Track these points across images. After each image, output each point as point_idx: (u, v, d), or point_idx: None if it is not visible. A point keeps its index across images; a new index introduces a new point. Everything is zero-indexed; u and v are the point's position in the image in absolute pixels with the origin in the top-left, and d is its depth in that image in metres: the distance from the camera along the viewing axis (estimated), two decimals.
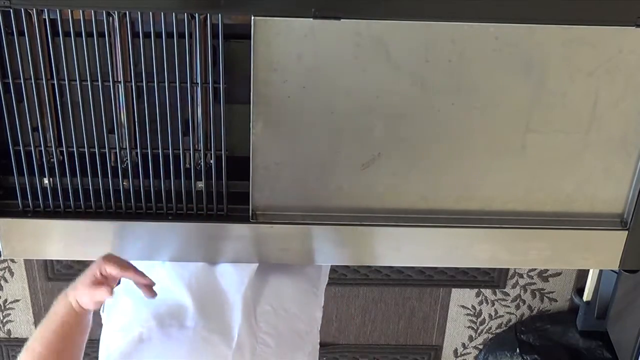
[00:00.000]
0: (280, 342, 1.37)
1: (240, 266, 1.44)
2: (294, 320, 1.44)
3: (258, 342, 1.36)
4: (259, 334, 1.37)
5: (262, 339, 1.37)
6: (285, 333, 1.41)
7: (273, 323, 1.40)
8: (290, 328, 1.43)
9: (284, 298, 1.46)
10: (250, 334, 1.36)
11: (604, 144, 1.33)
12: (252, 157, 1.31)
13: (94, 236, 1.40)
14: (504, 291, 2.54)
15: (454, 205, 1.39)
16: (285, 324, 1.42)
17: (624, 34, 1.22)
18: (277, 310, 1.43)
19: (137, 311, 1.39)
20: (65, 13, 1.19)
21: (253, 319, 1.39)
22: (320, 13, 1.18)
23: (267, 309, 1.43)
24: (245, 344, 1.34)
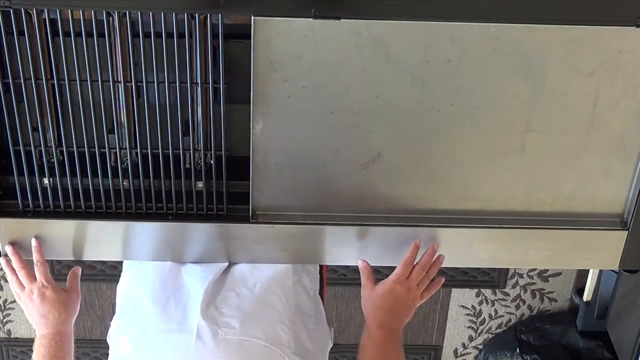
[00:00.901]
0: (246, 321, 1.35)
1: (208, 265, 1.44)
2: (264, 295, 1.42)
3: (221, 327, 1.34)
4: (221, 319, 1.36)
5: (224, 323, 1.35)
6: (251, 311, 1.38)
7: (236, 305, 1.38)
8: (260, 303, 1.41)
9: (247, 281, 1.44)
10: (211, 323, 1.34)
11: (604, 144, 1.33)
12: (252, 157, 1.31)
13: (94, 236, 1.41)
14: (504, 291, 2.54)
15: (454, 205, 1.39)
16: (252, 302, 1.40)
17: (624, 34, 1.22)
18: (240, 294, 1.41)
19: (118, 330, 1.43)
20: (65, 13, 1.19)
21: (213, 309, 1.38)
22: (320, 13, 1.18)
23: (230, 294, 1.41)
24: (206, 334, 1.33)
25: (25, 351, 2.61)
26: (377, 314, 1.38)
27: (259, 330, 1.35)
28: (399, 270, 1.39)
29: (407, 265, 1.39)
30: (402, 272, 1.38)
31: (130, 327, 1.41)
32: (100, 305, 2.52)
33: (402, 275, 1.38)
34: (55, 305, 1.38)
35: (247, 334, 1.34)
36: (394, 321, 1.39)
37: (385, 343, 1.36)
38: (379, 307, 1.38)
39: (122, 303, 1.48)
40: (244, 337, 1.33)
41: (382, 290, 1.39)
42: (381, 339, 1.36)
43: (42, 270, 1.38)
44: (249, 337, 1.33)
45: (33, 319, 1.39)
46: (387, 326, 1.38)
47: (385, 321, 1.38)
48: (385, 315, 1.38)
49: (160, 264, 1.46)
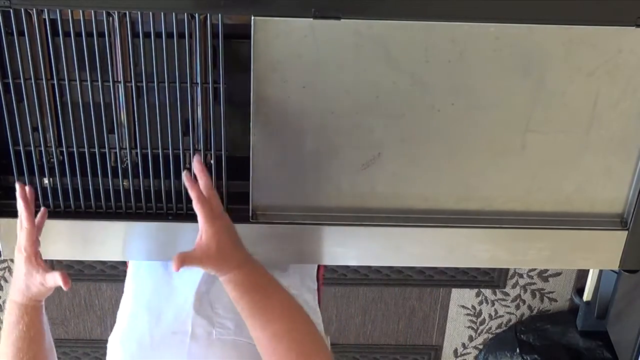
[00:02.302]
0: (240, 322, 1.31)
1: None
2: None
3: (215, 327, 1.35)
4: (216, 319, 1.36)
5: (219, 324, 1.35)
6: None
7: (231, 307, 1.36)
8: None
9: None
10: (206, 323, 1.35)
11: (604, 144, 1.33)
12: (252, 157, 1.31)
13: (94, 236, 1.40)
14: (504, 291, 2.54)
15: (454, 205, 1.39)
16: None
17: (624, 34, 1.22)
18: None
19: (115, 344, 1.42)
20: (65, 13, 1.19)
21: (208, 307, 1.38)
22: (320, 13, 1.18)
23: (223, 294, 1.41)
24: (201, 333, 1.33)
25: None
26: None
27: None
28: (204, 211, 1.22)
29: (203, 204, 1.22)
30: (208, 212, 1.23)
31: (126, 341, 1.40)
32: (101, 305, 2.52)
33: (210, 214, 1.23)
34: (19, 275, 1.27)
35: (241, 334, 1.33)
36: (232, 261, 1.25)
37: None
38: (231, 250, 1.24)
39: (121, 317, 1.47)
40: (237, 338, 1.34)
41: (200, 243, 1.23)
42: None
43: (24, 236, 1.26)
44: (242, 338, 1.33)
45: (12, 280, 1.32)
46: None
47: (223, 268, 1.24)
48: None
49: (154, 272, 1.45)
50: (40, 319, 1.29)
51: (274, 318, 1.18)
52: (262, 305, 1.19)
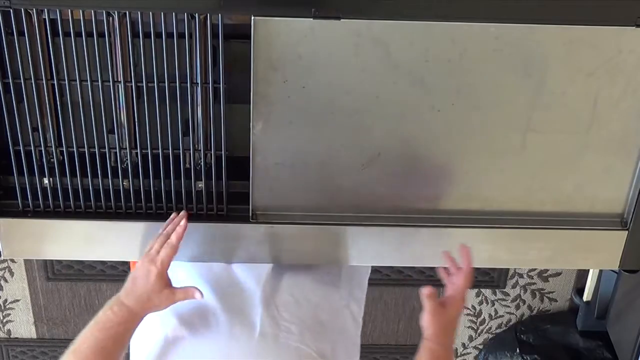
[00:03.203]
0: (303, 329, 1.36)
1: (256, 264, 1.45)
2: (316, 310, 1.43)
3: (281, 330, 1.35)
4: (282, 322, 1.37)
5: (285, 327, 1.36)
6: (308, 322, 1.40)
7: (295, 312, 1.40)
8: (313, 317, 1.42)
9: (304, 289, 1.45)
10: (272, 324, 1.35)
11: (604, 144, 1.33)
12: (252, 157, 1.31)
13: (94, 236, 1.40)
14: (504, 291, 2.54)
15: (454, 205, 1.39)
16: (308, 313, 1.42)
17: (624, 34, 1.22)
18: (298, 300, 1.43)
19: (160, 316, 1.37)
20: (65, 13, 1.20)
21: (274, 308, 1.39)
22: (320, 13, 1.18)
23: (289, 298, 1.42)
24: (268, 333, 1.34)
25: (25, 351, 2.62)
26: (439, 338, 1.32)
27: (313, 341, 1.36)
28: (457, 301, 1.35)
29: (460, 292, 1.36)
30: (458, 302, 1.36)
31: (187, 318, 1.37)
32: (101, 305, 2.50)
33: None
34: (146, 287, 1.26)
35: (304, 342, 1.35)
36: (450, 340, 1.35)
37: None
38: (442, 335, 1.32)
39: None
40: (300, 345, 1.35)
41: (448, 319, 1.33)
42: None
43: (167, 252, 1.26)
44: (305, 346, 1.35)
45: (129, 277, 1.29)
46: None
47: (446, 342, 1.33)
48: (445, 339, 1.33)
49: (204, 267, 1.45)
50: (134, 330, 1.29)
51: None
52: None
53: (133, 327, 1.28)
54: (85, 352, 1.22)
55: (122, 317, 1.25)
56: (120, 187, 1.37)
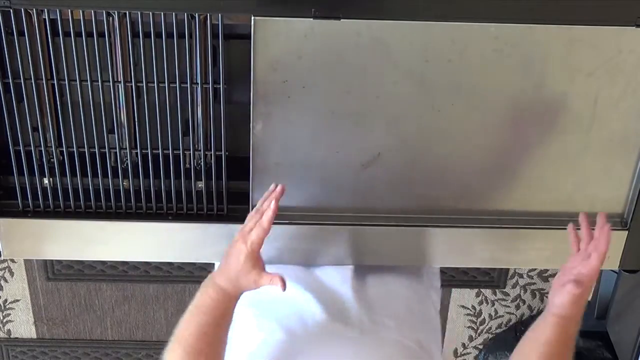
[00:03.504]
0: (399, 322, 1.36)
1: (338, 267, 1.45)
2: (407, 301, 1.44)
3: (379, 325, 1.35)
4: (378, 318, 1.36)
5: (382, 322, 1.36)
6: (402, 314, 1.40)
7: (388, 306, 1.40)
8: (406, 309, 1.42)
9: (390, 284, 1.45)
10: (370, 321, 1.35)
11: (604, 144, 1.33)
12: (252, 157, 1.31)
13: (94, 236, 1.40)
14: (504, 291, 2.54)
15: (454, 205, 1.39)
16: (400, 306, 1.42)
17: (624, 34, 1.22)
18: (388, 295, 1.43)
19: (258, 318, 1.37)
20: (65, 13, 1.19)
21: (367, 305, 1.39)
22: (320, 13, 1.18)
23: (379, 294, 1.42)
24: (369, 330, 1.34)
25: (25, 351, 2.62)
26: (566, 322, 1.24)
27: (411, 334, 1.36)
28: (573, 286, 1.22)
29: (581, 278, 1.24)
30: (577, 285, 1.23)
31: (284, 323, 1.36)
32: (100, 305, 2.52)
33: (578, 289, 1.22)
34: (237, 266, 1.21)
35: (402, 334, 1.35)
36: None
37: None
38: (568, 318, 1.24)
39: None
40: (400, 338, 1.34)
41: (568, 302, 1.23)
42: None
43: (258, 233, 1.21)
44: (404, 338, 1.34)
45: (223, 256, 1.26)
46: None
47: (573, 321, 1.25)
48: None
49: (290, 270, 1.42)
50: (233, 310, 1.24)
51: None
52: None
53: (231, 307, 1.24)
54: (188, 339, 1.18)
55: (217, 299, 1.21)
56: (121, 187, 1.37)
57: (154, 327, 2.56)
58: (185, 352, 1.18)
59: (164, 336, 2.58)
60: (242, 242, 1.22)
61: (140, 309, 2.52)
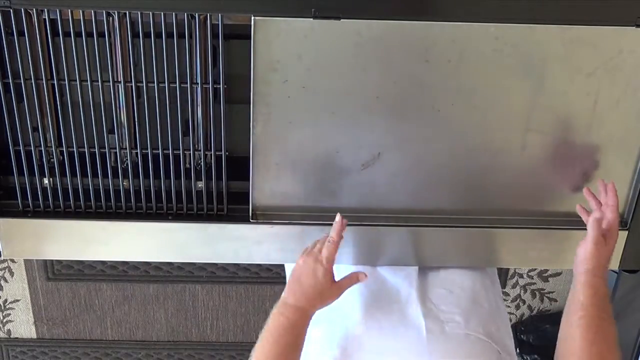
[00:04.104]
0: (466, 316, 1.36)
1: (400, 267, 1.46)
2: (473, 294, 1.44)
3: (445, 322, 1.35)
4: (443, 315, 1.37)
5: (448, 318, 1.36)
6: (468, 308, 1.40)
7: (453, 302, 1.40)
8: (472, 302, 1.42)
9: (454, 280, 1.45)
10: (434, 318, 1.36)
11: (604, 144, 1.33)
12: (252, 157, 1.31)
13: (94, 236, 1.40)
14: (504, 291, 2.54)
15: (454, 205, 1.39)
16: (466, 301, 1.42)
17: (624, 34, 1.22)
18: (452, 291, 1.43)
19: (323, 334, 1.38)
20: (65, 13, 1.19)
21: (431, 304, 1.39)
22: (320, 13, 1.18)
23: (442, 291, 1.42)
24: (434, 328, 1.34)
25: (25, 351, 2.62)
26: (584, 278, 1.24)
27: (480, 325, 1.36)
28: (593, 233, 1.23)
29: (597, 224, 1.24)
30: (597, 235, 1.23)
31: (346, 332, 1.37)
32: (100, 305, 2.52)
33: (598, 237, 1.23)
34: (317, 284, 1.27)
35: (470, 328, 1.35)
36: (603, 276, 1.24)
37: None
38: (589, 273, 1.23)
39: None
40: (469, 332, 1.34)
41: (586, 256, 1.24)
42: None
43: (329, 248, 1.27)
44: (473, 332, 1.34)
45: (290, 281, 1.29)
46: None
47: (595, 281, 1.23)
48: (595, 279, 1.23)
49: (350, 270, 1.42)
50: (306, 329, 1.28)
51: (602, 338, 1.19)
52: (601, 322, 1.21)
53: (305, 326, 1.27)
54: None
55: (294, 320, 1.25)
56: (121, 187, 1.37)
57: (154, 327, 2.56)
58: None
59: (164, 336, 2.59)
60: (315, 262, 1.27)
61: (140, 309, 2.52)
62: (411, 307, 1.38)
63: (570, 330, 1.22)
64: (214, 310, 2.49)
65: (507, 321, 1.48)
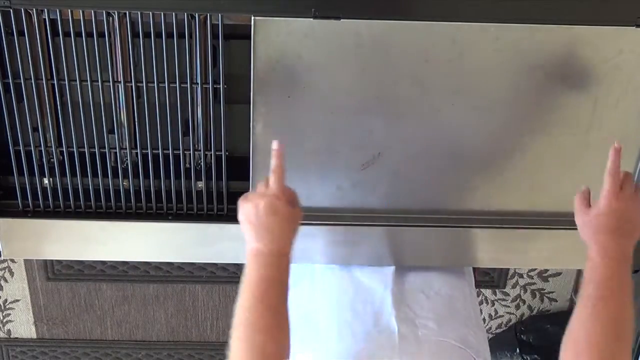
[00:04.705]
0: (441, 322, 1.36)
1: (378, 268, 1.45)
2: (450, 300, 1.43)
3: (419, 327, 1.34)
4: (417, 320, 1.36)
5: (422, 324, 1.35)
6: (444, 313, 1.39)
7: (428, 307, 1.39)
8: (448, 308, 1.42)
9: (432, 283, 1.45)
10: (409, 323, 1.35)
11: (604, 144, 1.32)
12: (252, 157, 1.31)
13: (94, 236, 1.41)
14: (504, 291, 2.54)
15: (454, 205, 1.39)
16: (442, 305, 1.41)
17: (624, 34, 1.22)
18: (429, 295, 1.42)
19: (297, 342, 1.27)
20: (65, 13, 1.20)
21: (407, 308, 1.38)
22: (320, 13, 1.18)
23: (419, 296, 1.42)
24: (407, 333, 1.33)
25: (25, 351, 2.62)
26: (598, 240, 1.15)
27: (454, 332, 1.35)
28: (608, 185, 1.16)
29: (614, 175, 1.16)
30: (611, 186, 1.16)
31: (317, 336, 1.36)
32: (100, 305, 2.52)
33: (613, 189, 1.16)
34: (283, 220, 1.15)
35: (444, 335, 1.34)
36: (619, 245, 1.14)
37: (610, 275, 1.12)
38: (598, 231, 1.15)
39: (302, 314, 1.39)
40: (442, 338, 1.34)
41: (597, 211, 1.16)
42: (606, 269, 1.12)
43: (278, 178, 1.16)
44: (447, 338, 1.34)
45: (251, 229, 1.16)
46: (612, 253, 1.13)
47: (609, 246, 1.14)
48: (608, 240, 1.14)
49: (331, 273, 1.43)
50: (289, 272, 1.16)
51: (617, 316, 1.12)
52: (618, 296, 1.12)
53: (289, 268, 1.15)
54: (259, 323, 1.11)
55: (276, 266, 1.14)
56: (120, 187, 1.37)
57: (154, 327, 2.56)
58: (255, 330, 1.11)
59: (163, 336, 2.59)
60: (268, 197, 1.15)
61: (140, 309, 2.52)
62: (385, 311, 1.37)
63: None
64: (214, 310, 2.49)
65: (482, 328, 1.47)
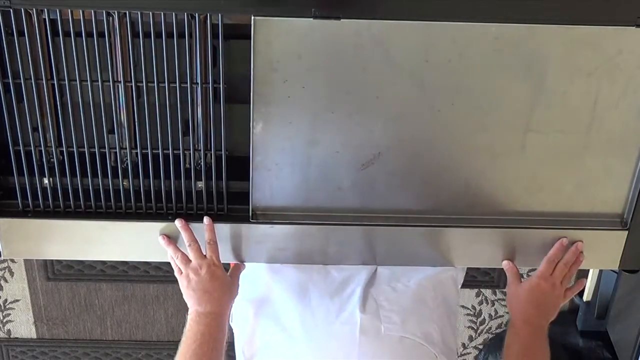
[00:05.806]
0: (405, 317, 1.37)
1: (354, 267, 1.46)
2: (418, 290, 1.44)
3: (382, 322, 1.36)
4: (383, 313, 1.37)
5: (386, 318, 1.36)
6: (409, 307, 1.40)
7: (394, 300, 1.40)
8: (415, 300, 1.43)
9: (400, 276, 1.46)
10: (373, 318, 1.36)
11: (604, 144, 1.33)
12: (252, 157, 1.31)
13: (94, 236, 1.40)
14: (504, 291, 2.54)
15: (454, 205, 1.39)
16: (408, 298, 1.42)
17: (624, 34, 1.22)
18: (396, 288, 1.43)
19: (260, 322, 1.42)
20: (65, 13, 1.20)
21: (373, 301, 1.39)
22: (320, 13, 1.18)
23: (387, 288, 1.43)
24: (369, 328, 1.34)
25: (25, 351, 2.62)
26: (523, 309, 1.39)
27: (417, 327, 1.37)
28: (543, 268, 1.39)
29: (550, 262, 1.39)
30: (545, 269, 1.39)
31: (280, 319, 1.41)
32: (100, 305, 2.52)
33: (546, 272, 1.39)
34: (222, 285, 1.34)
35: (407, 331, 1.35)
36: (540, 317, 1.39)
37: (531, 339, 1.37)
38: (525, 303, 1.39)
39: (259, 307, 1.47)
40: (404, 335, 1.35)
41: (527, 286, 1.39)
42: (527, 335, 1.37)
43: (214, 249, 1.34)
44: (409, 335, 1.35)
45: (194, 294, 1.33)
46: (533, 322, 1.38)
47: (531, 317, 1.38)
48: (531, 312, 1.39)
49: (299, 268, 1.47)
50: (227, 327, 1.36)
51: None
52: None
53: (226, 326, 1.33)
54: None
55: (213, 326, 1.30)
56: (120, 187, 1.37)
57: (153, 327, 2.56)
58: None
59: (163, 336, 2.59)
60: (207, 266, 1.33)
61: (140, 309, 2.52)
62: (351, 303, 1.38)
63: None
64: None
65: (451, 321, 1.49)
